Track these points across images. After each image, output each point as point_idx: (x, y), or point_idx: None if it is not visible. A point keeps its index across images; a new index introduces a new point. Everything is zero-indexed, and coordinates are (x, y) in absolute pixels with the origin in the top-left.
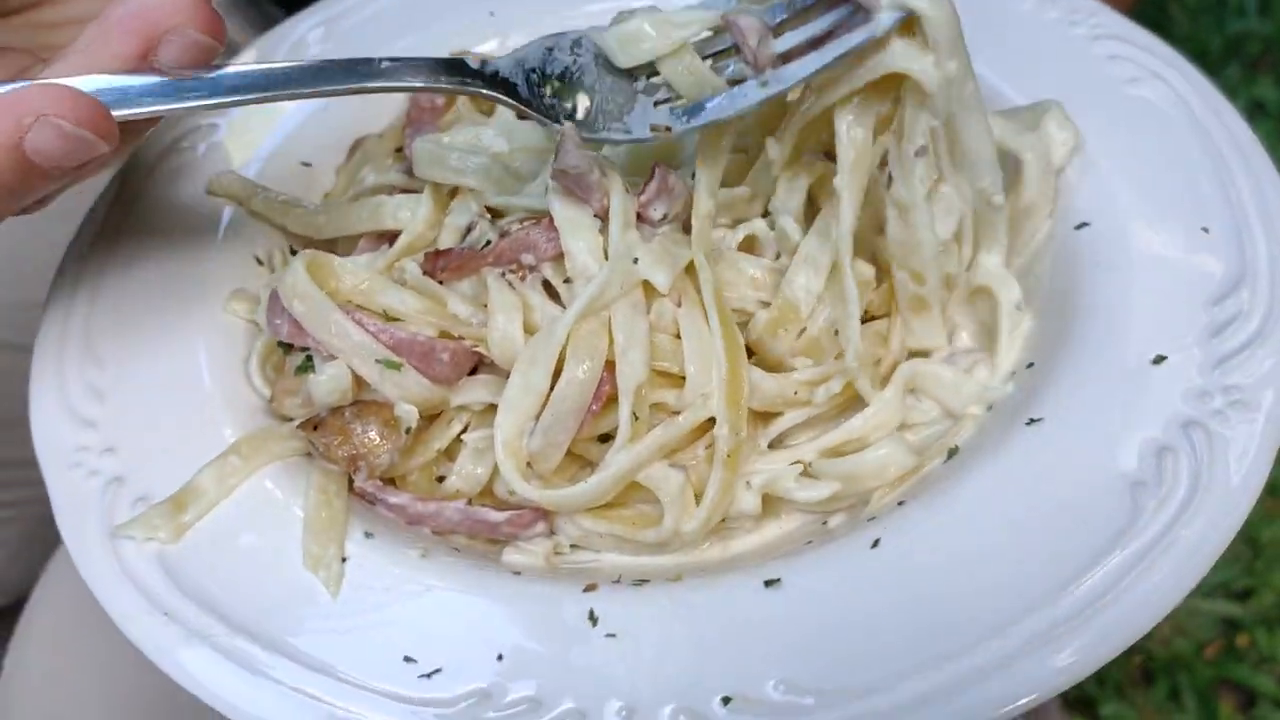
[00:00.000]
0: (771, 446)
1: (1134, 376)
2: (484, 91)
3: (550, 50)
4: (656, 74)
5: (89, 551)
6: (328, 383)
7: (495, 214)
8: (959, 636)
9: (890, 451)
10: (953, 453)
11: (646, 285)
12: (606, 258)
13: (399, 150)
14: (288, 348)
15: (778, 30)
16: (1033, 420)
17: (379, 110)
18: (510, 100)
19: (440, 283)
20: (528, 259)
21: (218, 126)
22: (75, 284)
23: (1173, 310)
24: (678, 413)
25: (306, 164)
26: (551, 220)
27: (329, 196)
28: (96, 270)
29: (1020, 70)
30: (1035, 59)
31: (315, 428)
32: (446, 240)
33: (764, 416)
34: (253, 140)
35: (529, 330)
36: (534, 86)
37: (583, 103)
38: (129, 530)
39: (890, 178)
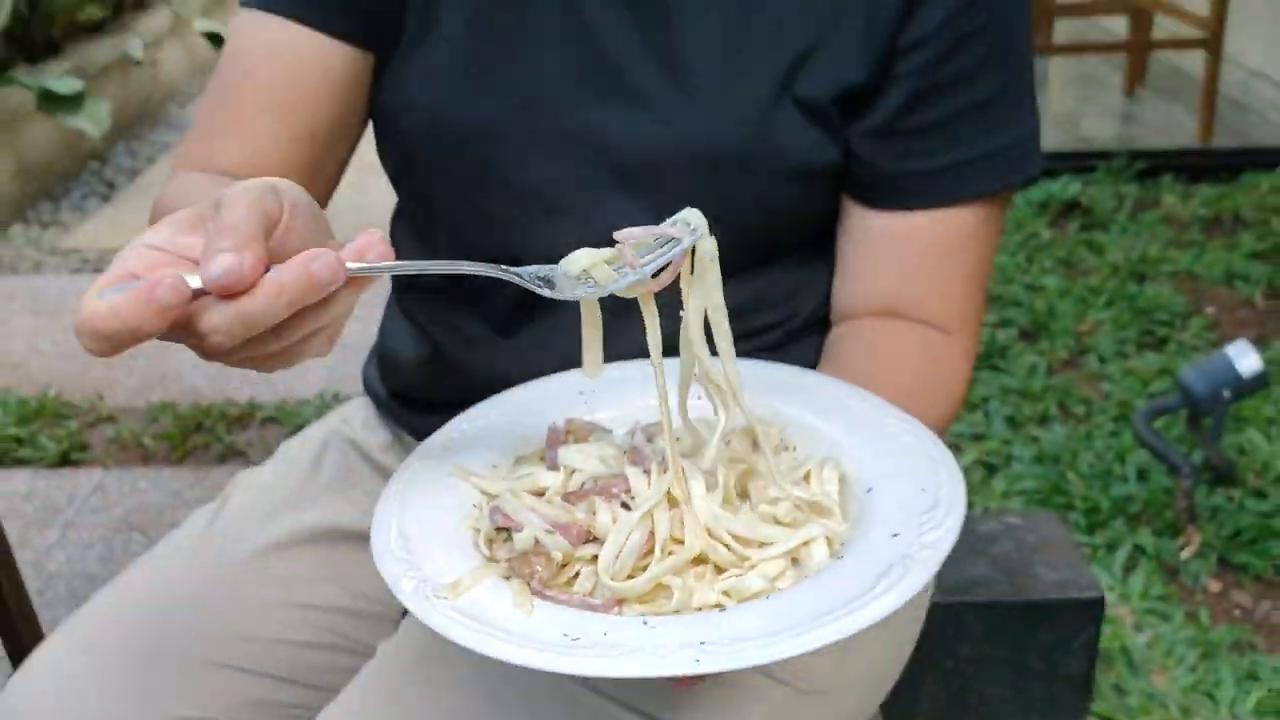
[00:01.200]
0: None
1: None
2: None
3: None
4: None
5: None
6: (521, 541)
7: None
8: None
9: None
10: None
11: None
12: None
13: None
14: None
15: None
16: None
17: None
18: (514, 278)
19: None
20: (616, 491)
21: None
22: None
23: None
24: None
25: None
26: (620, 482)
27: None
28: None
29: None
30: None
31: (511, 562)
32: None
33: None
34: None
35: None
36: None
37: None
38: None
39: None
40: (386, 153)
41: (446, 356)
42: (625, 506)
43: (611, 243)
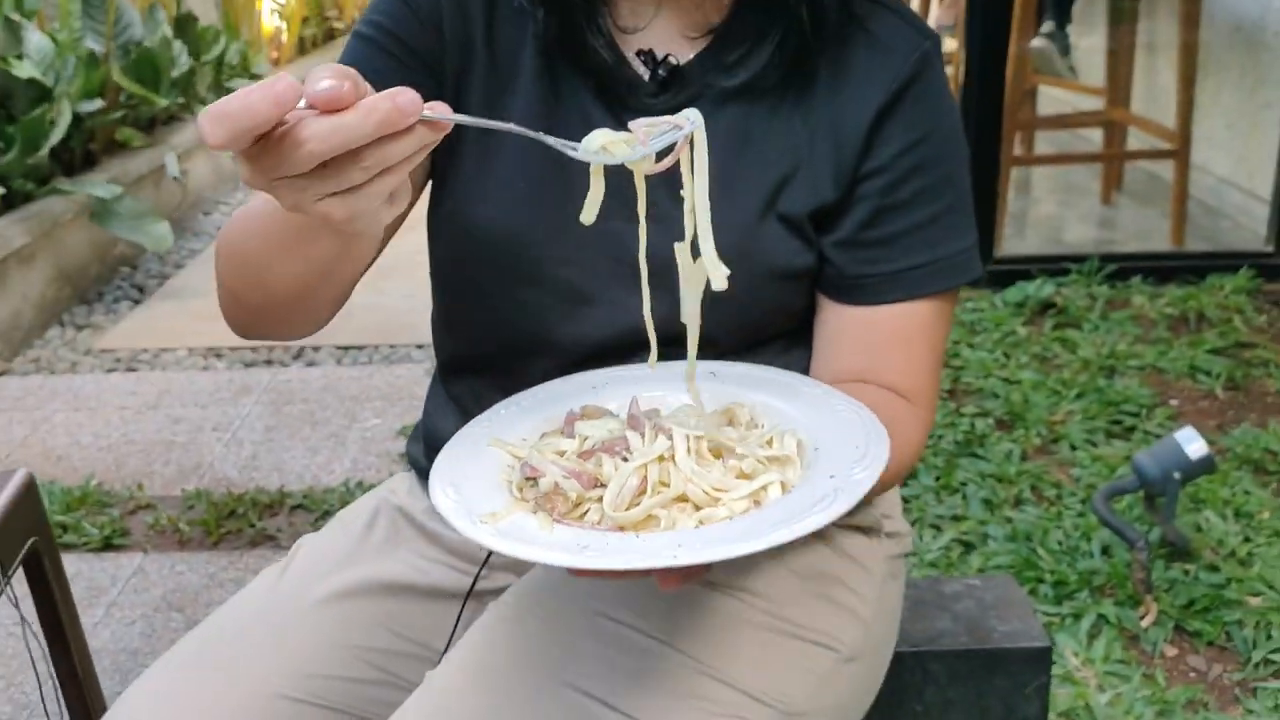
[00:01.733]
0: None
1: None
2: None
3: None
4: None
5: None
6: (544, 485)
7: None
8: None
9: None
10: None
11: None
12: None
13: None
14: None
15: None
16: None
17: None
18: (548, 140)
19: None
20: (618, 449)
21: None
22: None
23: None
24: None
25: None
26: (622, 442)
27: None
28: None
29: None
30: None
31: (536, 500)
32: (586, 447)
33: None
34: None
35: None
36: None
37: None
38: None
39: None
40: (441, 252)
41: None
42: (625, 460)
43: (630, 327)
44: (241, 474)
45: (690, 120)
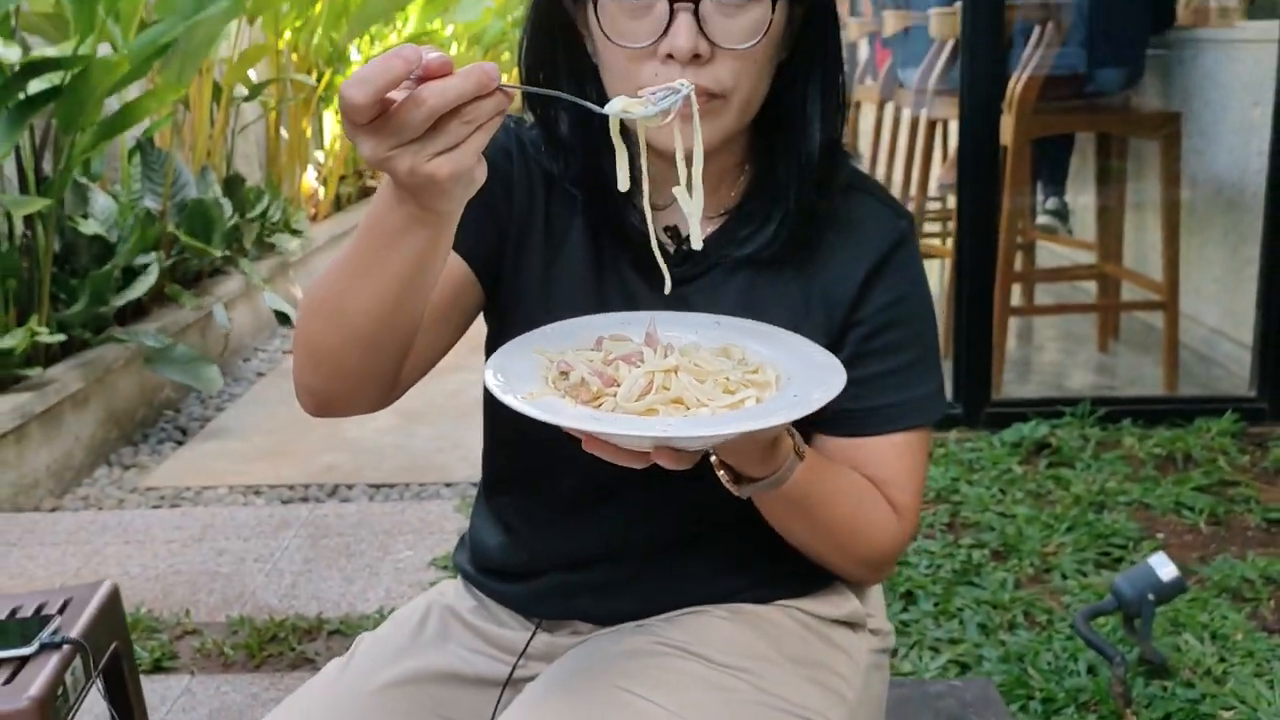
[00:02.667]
0: None
1: (789, 397)
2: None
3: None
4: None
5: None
6: (574, 378)
7: None
8: None
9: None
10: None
11: None
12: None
13: None
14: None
15: None
16: None
17: None
18: (580, 101)
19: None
20: (634, 360)
21: None
22: None
23: (804, 388)
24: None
25: None
26: (638, 355)
27: None
28: None
29: None
30: None
31: (566, 389)
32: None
33: None
34: None
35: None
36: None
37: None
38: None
39: None
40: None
41: (521, 537)
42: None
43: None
44: (282, 602)
45: (684, 84)
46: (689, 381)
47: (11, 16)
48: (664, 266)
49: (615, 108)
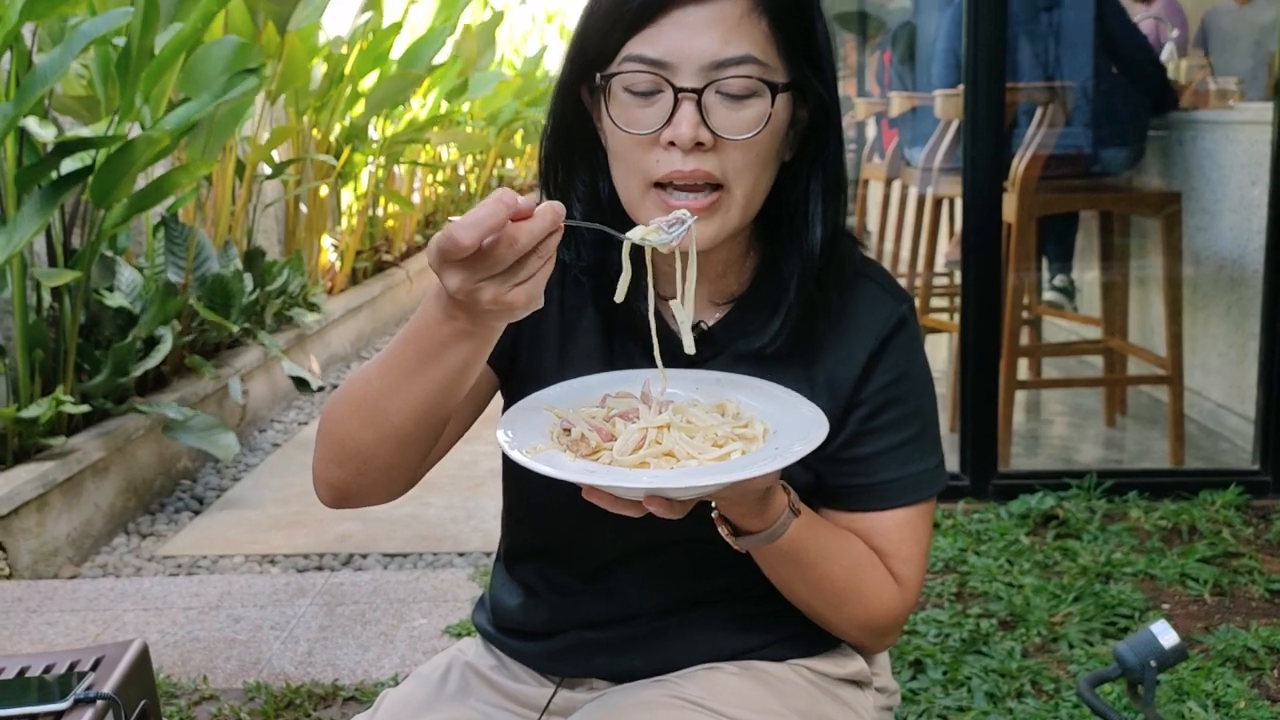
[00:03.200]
0: None
1: (770, 450)
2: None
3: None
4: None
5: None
6: (574, 433)
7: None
8: None
9: None
10: None
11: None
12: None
13: None
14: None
15: None
16: None
17: None
18: (606, 229)
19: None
20: (631, 416)
21: None
22: None
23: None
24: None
25: None
26: (634, 412)
27: None
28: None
29: None
30: None
31: (567, 444)
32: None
33: None
34: None
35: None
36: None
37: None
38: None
39: None
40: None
41: (543, 601)
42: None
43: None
44: (298, 669)
45: (688, 216)
46: (679, 436)
47: (45, 98)
48: (661, 368)
49: (635, 235)
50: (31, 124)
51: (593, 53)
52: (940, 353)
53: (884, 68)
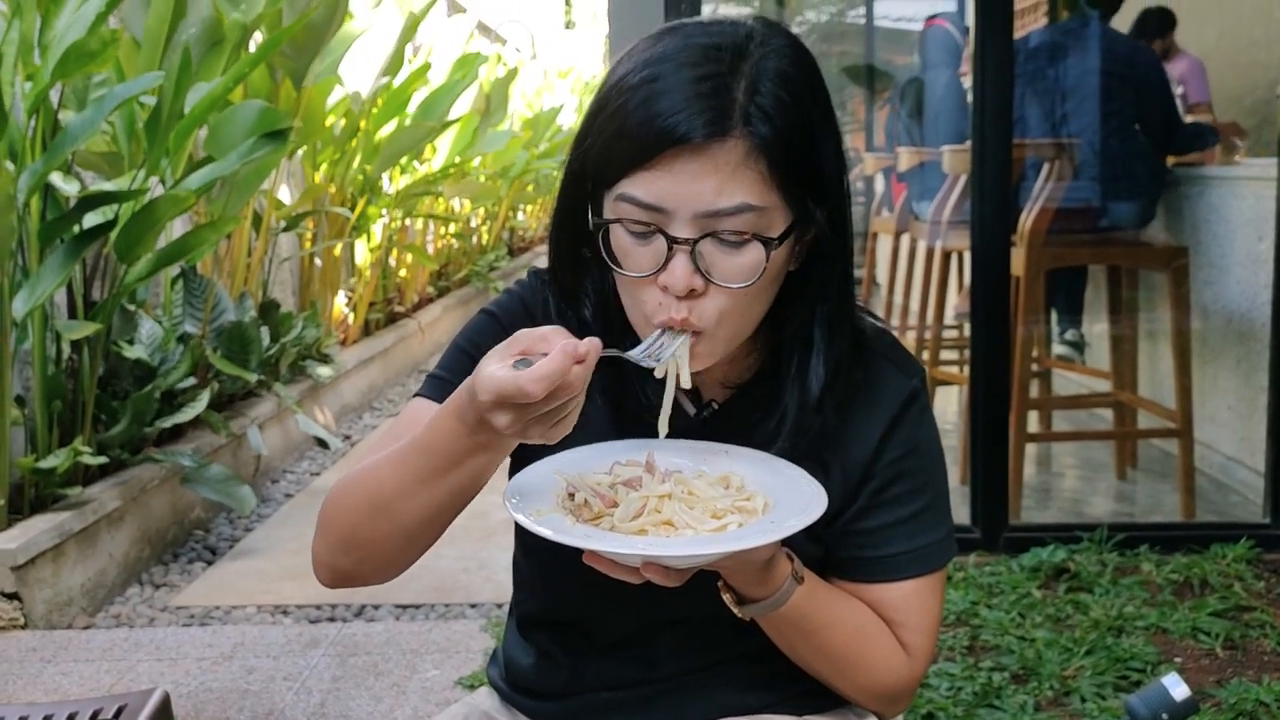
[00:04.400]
0: None
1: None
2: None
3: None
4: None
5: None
6: (578, 498)
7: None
8: None
9: None
10: None
11: None
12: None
13: None
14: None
15: None
16: None
17: None
18: (627, 357)
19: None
20: (633, 484)
21: None
22: None
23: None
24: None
25: None
26: (638, 480)
27: None
28: None
29: None
30: None
31: (571, 509)
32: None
33: None
34: None
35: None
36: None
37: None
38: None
39: None
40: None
41: (559, 664)
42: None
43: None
44: (311, 719)
45: (683, 335)
46: (679, 507)
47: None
48: (664, 419)
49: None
50: (56, 179)
51: (592, 177)
52: (950, 405)
53: (893, 122)
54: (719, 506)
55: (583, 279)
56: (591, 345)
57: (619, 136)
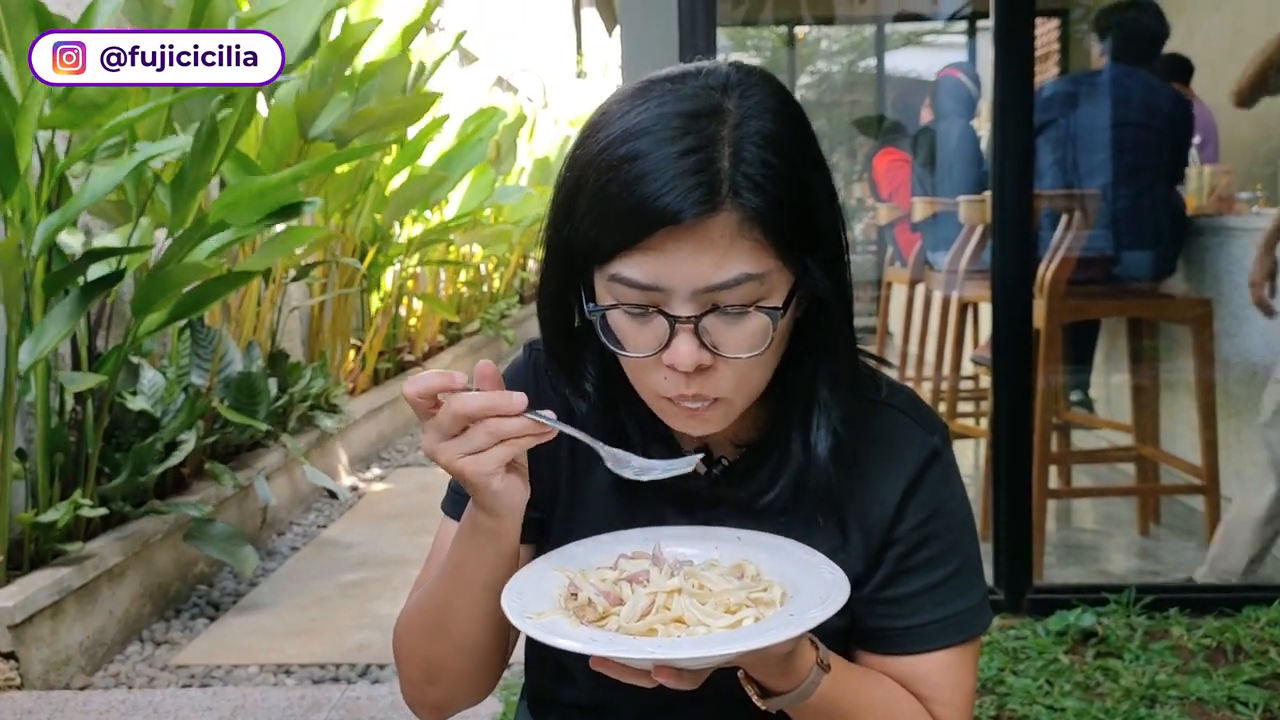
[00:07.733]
0: None
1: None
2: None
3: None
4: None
5: None
6: (581, 598)
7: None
8: None
9: None
10: None
11: None
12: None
13: None
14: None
15: None
16: None
17: None
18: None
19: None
20: (639, 579)
21: None
22: None
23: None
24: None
25: None
26: (644, 575)
27: None
28: None
29: None
30: None
31: (574, 609)
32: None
33: None
34: None
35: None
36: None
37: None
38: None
39: None
40: None
41: None
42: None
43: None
44: None
45: (695, 456)
46: (690, 602)
47: None
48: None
49: (633, 468)
50: (60, 233)
51: (581, 255)
52: (967, 458)
53: (893, 171)
54: (733, 600)
55: (580, 353)
56: (510, 397)
57: (605, 219)
